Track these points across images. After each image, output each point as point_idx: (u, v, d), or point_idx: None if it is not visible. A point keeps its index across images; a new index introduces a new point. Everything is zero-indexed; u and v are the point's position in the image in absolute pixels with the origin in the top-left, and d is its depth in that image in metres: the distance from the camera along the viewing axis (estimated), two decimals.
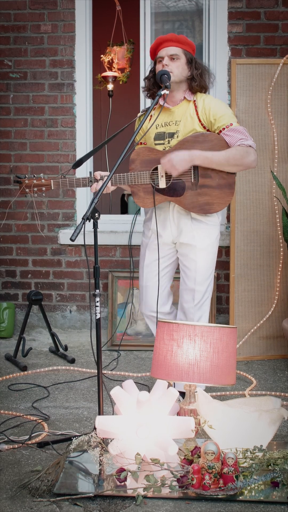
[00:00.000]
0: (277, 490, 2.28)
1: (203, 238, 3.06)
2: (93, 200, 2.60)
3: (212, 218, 3.08)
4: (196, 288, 3.10)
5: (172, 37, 3.01)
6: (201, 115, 2.98)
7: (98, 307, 2.64)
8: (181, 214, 3.06)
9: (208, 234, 3.07)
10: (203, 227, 3.06)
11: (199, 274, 3.09)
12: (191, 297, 3.12)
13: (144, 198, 2.98)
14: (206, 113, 2.97)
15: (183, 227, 3.06)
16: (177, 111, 3.03)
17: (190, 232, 3.05)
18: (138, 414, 2.47)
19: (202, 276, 3.10)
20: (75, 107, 4.48)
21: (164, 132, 3.03)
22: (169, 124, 3.02)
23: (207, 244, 3.07)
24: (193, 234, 3.05)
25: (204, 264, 3.09)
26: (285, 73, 4.00)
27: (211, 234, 3.08)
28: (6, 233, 4.58)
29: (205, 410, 2.48)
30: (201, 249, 3.06)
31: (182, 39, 3.02)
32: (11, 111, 4.52)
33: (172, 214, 3.07)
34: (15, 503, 2.21)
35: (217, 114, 2.96)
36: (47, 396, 3.32)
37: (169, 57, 2.98)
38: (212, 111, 2.96)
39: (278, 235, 4.00)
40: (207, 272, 3.12)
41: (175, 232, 3.09)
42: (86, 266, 4.51)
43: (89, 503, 2.21)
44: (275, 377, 3.66)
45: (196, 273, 3.09)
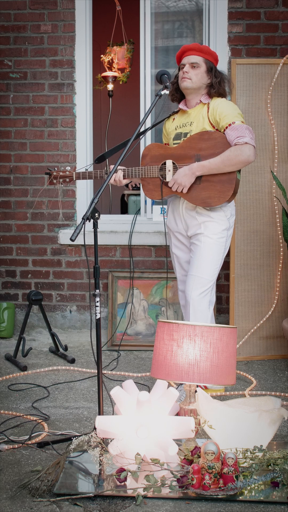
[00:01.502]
0: (277, 490, 2.28)
1: (209, 229, 3.21)
2: (93, 200, 2.60)
3: (216, 213, 3.21)
4: (198, 275, 3.20)
5: (195, 47, 3.23)
6: (210, 115, 3.17)
7: (98, 307, 2.64)
8: (188, 210, 3.25)
9: (214, 226, 3.21)
10: (209, 220, 3.21)
11: (202, 261, 3.20)
12: (192, 284, 3.21)
13: (153, 191, 3.25)
14: (214, 113, 3.16)
15: (190, 222, 3.25)
16: (193, 113, 3.24)
17: (197, 225, 3.23)
18: (138, 414, 2.47)
19: (205, 264, 3.20)
20: (75, 107, 4.48)
21: (181, 132, 3.26)
22: (185, 125, 3.25)
23: (213, 233, 3.21)
24: (200, 226, 3.22)
25: (208, 252, 3.20)
26: (285, 73, 4.00)
27: (217, 226, 3.21)
28: (6, 233, 4.58)
29: (205, 410, 2.48)
30: (206, 237, 3.20)
31: (204, 49, 3.24)
32: (11, 111, 4.52)
33: (182, 209, 3.28)
34: (15, 503, 2.21)
35: (222, 113, 3.14)
36: (47, 396, 3.32)
37: (190, 65, 3.20)
38: (219, 110, 3.15)
39: (278, 235, 4.00)
40: (211, 261, 3.21)
41: (185, 226, 3.30)
42: (86, 266, 4.51)
43: (89, 503, 2.21)
44: (275, 377, 3.67)
45: (199, 261, 3.21)
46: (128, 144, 2.83)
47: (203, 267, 3.20)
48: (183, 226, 3.30)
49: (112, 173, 2.78)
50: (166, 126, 3.40)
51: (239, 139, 3.06)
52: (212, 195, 3.14)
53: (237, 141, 3.06)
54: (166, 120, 3.41)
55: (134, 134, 2.88)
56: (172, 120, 3.36)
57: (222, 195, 3.13)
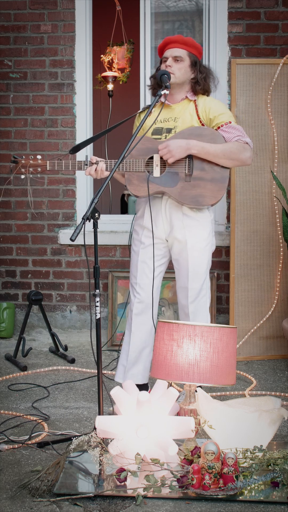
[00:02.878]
0: (277, 490, 2.28)
1: (195, 235, 3.06)
2: (93, 200, 2.60)
3: (203, 215, 3.07)
4: (189, 286, 3.09)
5: (179, 39, 3.05)
6: (201, 113, 3.03)
7: (98, 307, 2.64)
8: (173, 209, 3.05)
9: (199, 231, 3.07)
10: (195, 224, 3.05)
11: (191, 272, 3.08)
12: (184, 295, 3.12)
13: (138, 186, 2.98)
14: (206, 111, 3.03)
15: (175, 222, 3.05)
16: (177, 108, 3.07)
17: (182, 229, 3.05)
18: (138, 414, 2.47)
19: (195, 274, 3.09)
20: (75, 107, 4.48)
21: (162, 127, 3.06)
22: (168, 120, 3.06)
23: (199, 241, 3.07)
24: (185, 232, 3.05)
25: (196, 261, 3.08)
26: (285, 73, 4.00)
27: (203, 231, 3.08)
28: (6, 233, 4.58)
29: (205, 410, 2.48)
30: (193, 246, 3.06)
31: (189, 41, 3.06)
32: (11, 111, 4.52)
33: (165, 209, 3.06)
34: (15, 503, 2.21)
35: (217, 112, 3.02)
36: (47, 396, 3.32)
37: (173, 58, 3.03)
38: (213, 109, 3.02)
39: (278, 235, 4.00)
40: (201, 269, 3.10)
41: (167, 228, 3.09)
42: (86, 266, 4.51)
43: (89, 503, 2.21)
44: (275, 377, 3.67)
45: (188, 271, 3.08)
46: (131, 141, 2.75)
47: (195, 277, 3.09)
48: (164, 228, 3.08)
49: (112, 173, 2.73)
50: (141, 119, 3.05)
51: (240, 137, 2.98)
52: (204, 194, 2.99)
53: (239, 139, 2.98)
54: (141, 113, 3.17)
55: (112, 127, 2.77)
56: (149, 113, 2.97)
57: (214, 194, 3.00)
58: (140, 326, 3.15)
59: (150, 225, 3.06)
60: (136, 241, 3.17)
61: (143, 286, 3.12)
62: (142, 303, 3.13)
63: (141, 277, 3.12)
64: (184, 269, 3.09)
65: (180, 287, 3.14)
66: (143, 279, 3.12)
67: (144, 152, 2.99)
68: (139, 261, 3.13)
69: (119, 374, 3.20)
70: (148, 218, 3.08)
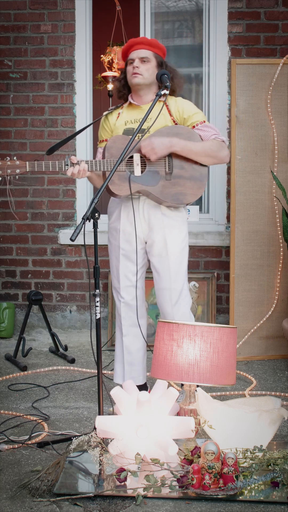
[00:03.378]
0: (277, 490, 2.28)
1: (174, 235, 3.06)
2: (93, 200, 2.60)
3: (181, 214, 3.09)
4: (172, 287, 3.08)
5: (144, 40, 3.07)
6: (174, 112, 3.03)
7: (98, 307, 2.64)
8: (152, 210, 3.04)
9: (178, 231, 3.07)
10: (173, 223, 3.06)
11: (173, 273, 3.07)
12: (168, 297, 3.09)
13: (120, 185, 2.95)
14: (180, 111, 3.03)
15: (154, 223, 3.05)
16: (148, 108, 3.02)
17: (161, 229, 3.04)
18: (138, 414, 2.47)
19: (176, 273, 3.08)
20: (75, 107, 4.48)
21: (133, 128, 3.04)
22: (138, 121, 3.03)
23: (178, 240, 3.07)
24: (164, 231, 3.04)
25: (176, 262, 3.08)
26: (285, 73, 4.00)
27: (181, 230, 3.09)
28: (6, 233, 4.58)
29: (205, 410, 2.48)
30: (172, 247, 3.05)
31: (153, 42, 3.08)
32: (11, 111, 4.52)
33: (143, 209, 3.05)
34: (15, 503, 2.21)
35: (191, 112, 3.04)
36: (47, 396, 3.32)
37: (139, 60, 3.03)
38: (186, 109, 3.04)
39: (278, 235, 4.00)
40: (181, 269, 3.10)
41: (145, 229, 3.08)
42: (86, 266, 4.51)
43: (89, 503, 2.21)
44: (275, 377, 3.67)
45: (169, 271, 3.07)
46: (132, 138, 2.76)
47: (175, 277, 3.07)
48: (143, 229, 3.06)
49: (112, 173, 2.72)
50: (109, 122, 3.12)
51: (217, 136, 3.02)
52: (184, 192, 2.99)
53: (216, 137, 3.01)
54: (109, 115, 3.14)
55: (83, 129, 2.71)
56: (116, 115, 3.11)
57: (194, 192, 3.01)
58: (131, 328, 3.15)
59: (127, 228, 3.06)
60: (114, 246, 3.16)
61: (127, 289, 3.13)
62: (128, 305, 3.14)
63: (124, 281, 3.13)
64: (166, 269, 3.07)
65: (161, 289, 3.10)
66: (126, 282, 3.13)
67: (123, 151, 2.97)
68: (121, 267, 3.13)
69: (117, 375, 3.21)
70: (125, 221, 3.07)
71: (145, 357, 3.20)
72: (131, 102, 3.10)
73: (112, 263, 3.20)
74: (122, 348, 3.18)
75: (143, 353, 3.18)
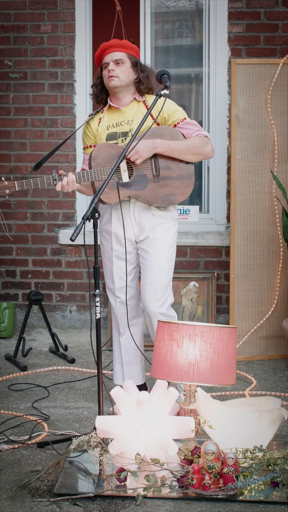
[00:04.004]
0: (277, 490, 2.28)
1: (164, 232, 3.07)
2: (93, 200, 2.60)
3: (171, 213, 3.10)
4: (158, 281, 3.07)
5: (116, 43, 3.06)
6: (154, 112, 3.01)
7: (98, 307, 2.64)
8: (142, 212, 3.05)
9: (168, 228, 3.09)
10: (164, 221, 3.07)
11: (160, 268, 3.07)
12: (153, 291, 3.06)
13: (109, 193, 2.94)
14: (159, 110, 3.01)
15: (145, 224, 3.06)
16: (128, 111, 3.06)
17: (153, 227, 3.06)
18: (138, 414, 2.47)
19: (163, 270, 3.08)
20: (75, 107, 4.48)
21: (116, 132, 3.05)
22: (120, 124, 3.05)
23: (167, 237, 3.08)
24: (155, 229, 3.06)
25: (165, 257, 3.08)
26: (285, 73, 4.00)
27: (171, 228, 3.10)
28: (6, 233, 4.58)
29: (205, 410, 2.48)
30: (163, 243, 3.07)
31: (125, 43, 3.08)
32: (11, 111, 4.52)
33: (133, 212, 3.06)
34: (15, 503, 2.21)
35: (170, 110, 3.04)
36: (47, 396, 3.32)
37: (114, 62, 3.03)
38: (166, 107, 3.02)
39: (278, 235, 4.00)
40: (168, 265, 3.10)
41: (136, 231, 3.09)
42: (86, 266, 4.51)
43: (89, 503, 2.21)
44: (275, 377, 3.67)
45: (158, 266, 3.06)
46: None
47: (161, 273, 3.06)
48: (134, 231, 3.08)
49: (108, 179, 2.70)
50: (91, 128, 3.12)
51: (200, 132, 3.02)
52: (173, 192, 3.01)
53: (198, 133, 3.02)
54: (90, 121, 3.14)
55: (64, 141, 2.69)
56: (98, 120, 3.12)
57: (183, 191, 3.04)
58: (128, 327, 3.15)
59: (119, 231, 3.07)
60: (106, 248, 3.17)
61: (122, 290, 3.14)
62: (124, 305, 3.14)
63: (118, 282, 3.14)
64: (154, 263, 3.07)
65: (147, 284, 3.08)
66: (120, 283, 3.14)
67: (109, 159, 2.96)
68: (114, 268, 3.14)
69: (117, 376, 3.21)
70: (116, 224, 3.07)
71: (143, 356, 3.20)
72: (111, 105, 3.09)
73: (105, 265, 3.21)
74: (120, 349, 3.19)
75: (140, 352, 3.18)
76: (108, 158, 2.96)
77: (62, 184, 2.90)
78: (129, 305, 3.14)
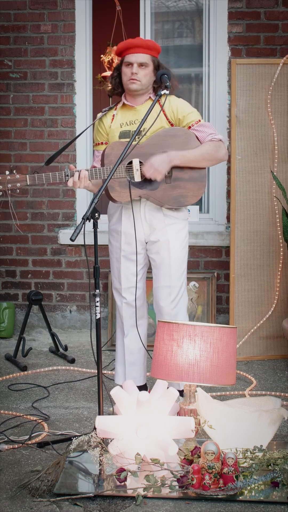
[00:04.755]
0: (277, 490, 2.28)
1: (175, 234, 3.07)
2: (93, 200, 2.60)
3: (182, 214, 3.10)
4: (171, 285, 3.07)
5: (143, 43, 3.01)
6: (169, 113, 3.02)
7: (98, 307, 2.64)
8: (153, 211, 3.05)
9: (179, 229, 3.08)
10: (174, 222, 3.06)
11: (173, 270, 3.07)
12: (167, 294, 3.08)
13: (120, 192, 2.95)
14: (174, 111, 3.02)
15: (156, 224, 3.05)
16: (143, 109, 3.03)
17: (163, 228, 3.05)
18: (138, 414, 2.47)
19: (177, 271, 3.08)
20: (75, 107, 4.48)
21: (129, 130, 3.03)
22: (134, 123, 3.03)
23: (179, 239, 3.08)
24: (166, 230, 3.05)
25: (178, 259, 3.08)
26: (285, 73, 4.00)
27: (183, 229, 3.10)
28: (6, 233, 4.58)
29: (205, 410, 2.48)
30: (174, 245, 3.06)
31: (150, 44, 3.04)
32: (11, 111, 4.52)
33: (144, 211, 3.05)
34: (15, 503, 2.21)
35: (185, 112, 3.02)
36: (47, 396, 3.32)
37: (138, 65, 2.98)
38: (180, 109, 3.02)
39: (278, 235, 4.00)
40: (181, 267, 3.10)
41: (147, 231, 3.08)
42: (86, 266, 4.51)
43: (89, 503, 2.21)
44: (275, 377, 3.67)
45: (170, 269, 3.07)
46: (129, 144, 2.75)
47: (175, 275, 3.07)
48: (144, 231, 3.07)
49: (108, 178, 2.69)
50: (104, 125, 3.10)
51: (213, 135, 3.00)
52: (185, 194, 3.00)
53: (212, 137, 3.00)
54: (103, 117, 3.11)
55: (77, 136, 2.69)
56: (111, 117, 3.09)
57: (195, 193, 3.03)
58: (132, 328, 3.15)
59: (129, 230, 3.06)
60: (115, 247, 3.17)
61: (129, 290, 3.13)
62: (130, 306, 3.14)
63: (125, 282, 3.13)
64: (166, 267, 3.07)
65: (160, 287, 3.10)
66: (127, 283, 3.13)
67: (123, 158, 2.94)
68: (122, 268, 3.13)
69: (118, 376, 3.21)
70: (126, 224, 3.07)
71: (145, 357, 3.20)
72: (125, 103, 3.08)
73: (113, 264, 3.20)
74: (123, 349, 3.18)
75: (143, 353, 3.18)
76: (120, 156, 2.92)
77: (74, 180, 2.91)
78: (134, 306, 3.14)
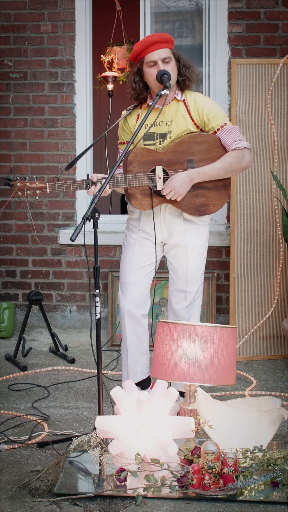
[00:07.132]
0: (277, 490, 2.28)
1: (195, 239, 3.02)
2: (93, 200, 2.60)
3: (203, 218, 3.05)
4: (187, 290, 3.06)
5: (160, 38, 2.87)
6: (194, 115, 2.93)
7: (98, 307, 2.64)
8: (173, 216, 3.01)
9: (199, 234, 3.04)
10: (195, 227, 3.02)
11: (190, 275, 3.05)
12: (182, 298, 3.08)
13: (142, 200, 2.92)
14: (199, 113, 2.93)
15: (175, 228, 3.01)
16: (168, 111, 2.95)
17: (181, 233, 3.01)
18: (138, 414, 2.47)
19: (193, 277, 3.06)
20: (75, 107, 4.48)
21: (154, 132, 2.96)
22: (159, 124, 2.95)
23: (199, 244, 3.04)
24: (185, 235, 3.01)
25: (195, 265, 3.05)
26: (285, 73, 4.00)
27: (202, 234, 3.06)
28: (6, 233, 4.58)
29: (205, 410, 2.48)
30: (193, 250, 3.02)
31: (167, 37, 2.90)
32: (11, 111, 4.52)
33: (164, 215, 3.01)
34: (15, 503, 2.21)
35: (210, 114, 2.92)
36: (47, 396, 3.32)
37: (162, 61, 2.86)
38: (206, 111, 2.92)
39: (278, 235, 4.00)
40: (198, 272, 3.08)
41: (165, 234, 3.04)
42: (86, 266, 4.51)
43: (89, 503, 2.21)
44: (275, 377, 3.67)
45: (187, 274, 3.05)
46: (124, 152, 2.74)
47: (191, 280, 3.05)
48: (162, 233, 3.03)
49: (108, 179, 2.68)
50: (129, 124, 3.03)
51: (238, 143, 2.91)
52: (207, 203, 2.96)
53: (236, 145, 2.90)
54: (128, 116, 3.04)
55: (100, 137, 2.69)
56: (136, 116, 3.01)
57: (218, 202, 2.98)
58: (136, 326, 3.14)
59: (146, 229, 3.03)
60: (130, 238, 3.11)
61: (134, 285, 3.08)
62: (133, 301, 3.10)
63: (132, 276, 3.08)
64: (183, 272, 3.05)
65: (176, 290, 3.09)
66: (134, 277, 3.08)
67: (145, 165, 2.90)
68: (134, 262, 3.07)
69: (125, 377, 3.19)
70: (146, 223, 3.03)
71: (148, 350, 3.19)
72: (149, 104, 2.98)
73: (126, 255, 3.11)
74: (127, 346, 3.16)
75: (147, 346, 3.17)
76: (143, 164, 2.89)
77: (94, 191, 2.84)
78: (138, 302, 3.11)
